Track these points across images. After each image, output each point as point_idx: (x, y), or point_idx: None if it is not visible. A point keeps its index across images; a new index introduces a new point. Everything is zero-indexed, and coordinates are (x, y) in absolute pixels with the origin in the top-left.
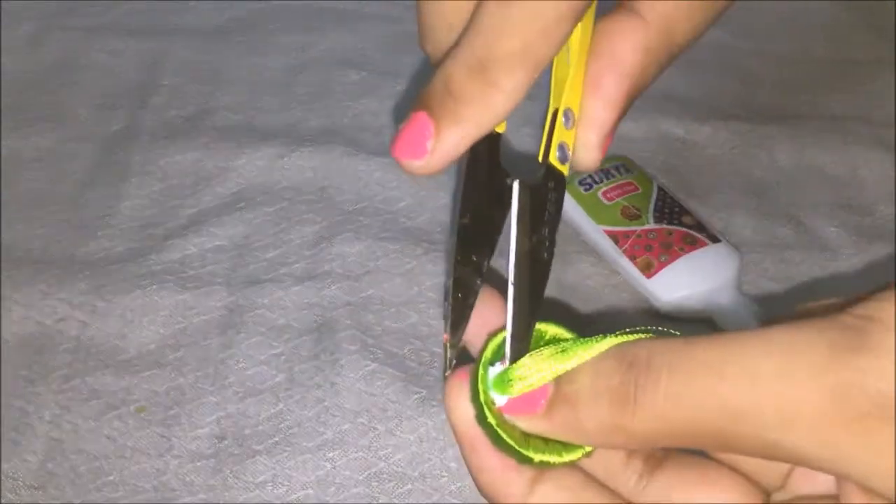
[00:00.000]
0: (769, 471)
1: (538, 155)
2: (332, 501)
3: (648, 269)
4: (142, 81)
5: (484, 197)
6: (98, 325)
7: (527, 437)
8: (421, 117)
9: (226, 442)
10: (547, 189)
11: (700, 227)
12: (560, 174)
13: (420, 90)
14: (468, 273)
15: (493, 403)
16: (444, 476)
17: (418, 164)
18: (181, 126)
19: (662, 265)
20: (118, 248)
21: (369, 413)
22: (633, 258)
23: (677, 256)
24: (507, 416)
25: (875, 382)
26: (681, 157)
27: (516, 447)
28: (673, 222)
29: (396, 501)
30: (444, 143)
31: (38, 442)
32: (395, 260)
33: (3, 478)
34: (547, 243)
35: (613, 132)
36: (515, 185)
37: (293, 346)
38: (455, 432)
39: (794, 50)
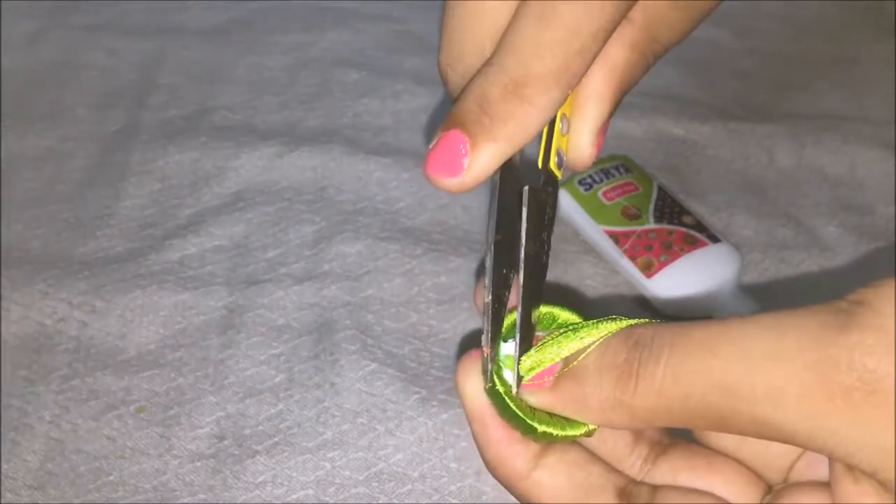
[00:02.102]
0: (771, 464)
1: (538, 161)
2: (331, 501)
3: (648, 269)
4: (141, 81)
5: (511, 209)
6: (98, 325)
7: (533, 411)
8: (455, 135)
9: (226, 442)
10: (546, 194)
11: (700, 226)
12: (555, 178)
13: (450, 109)
14: (501, 288)
15: (503, 375)
16: (444, 476)
17: (454, 182)
18: (180, 125)
19: (663, 265)
20: (117, 248)
21: (369, 413)
22: (633, 258)
23: (677, 256)
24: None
25: (860, 357)
26: (681, 156)
27: (522, 415)
28: (673, 222)
29: (396, 501)
30: (479, 160)
31: (37, 442)
32: (395, 260)
33: (2, 478)
34: (546, 247)
35: (605, 130)
36: (525, 192)
37: (293, 346)
38: (465, 407)
39: (793, 49)
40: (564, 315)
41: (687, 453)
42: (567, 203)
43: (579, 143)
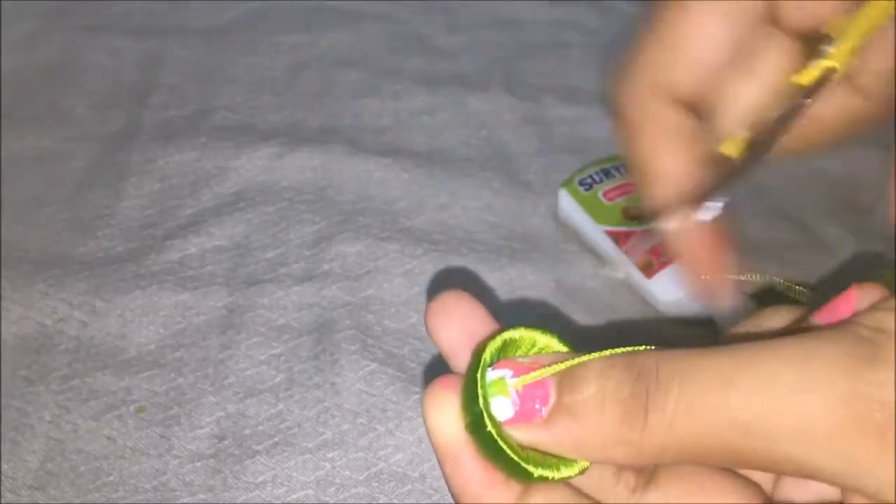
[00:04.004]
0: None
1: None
2: (331, 501)
3: (648, 270)
4: (141, 81)
5: None
6: (97, 325)
7: (524, 450)
8: None
9: (226, 442)
10: None
11: None
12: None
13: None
14: None
15: (491, 408)
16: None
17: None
18: (180, 126)
19: (662, 265)
20: (117, 248)
21: (369, 413)
22: (633, 258)
23: None
24: (504, 426)
25: (893, 396)
26: None
27: (517, 460)
28: None
29: (396, 501)
30: None
31: (37, 442)
32: (395, 260)
33: (2, 478)
34: None
35: None
36: None
37: (293, 347)
38: (435, 446)
39: None
40: (544, 341)
41: (677, 479)
42: (567, 203)
43: None
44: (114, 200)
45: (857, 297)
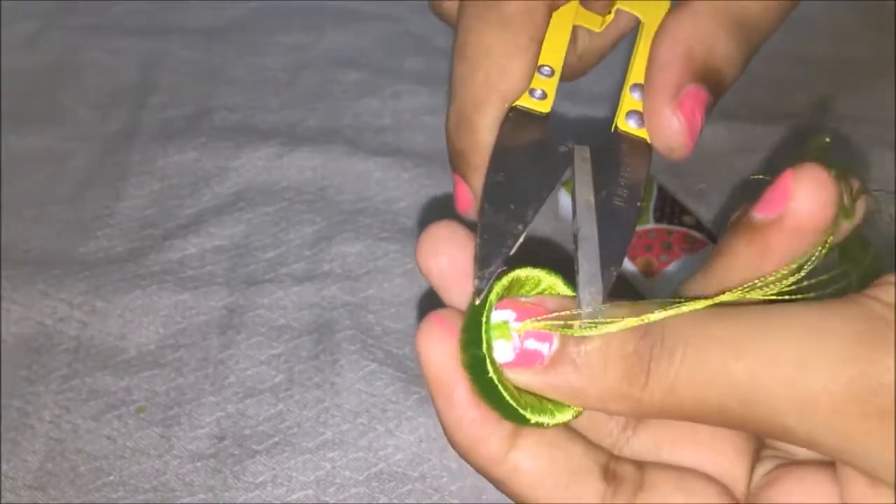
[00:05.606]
0: None
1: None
2: (332, 501)
3: (648, 270)
4: (141, 81)
5: (522, 162)
6: (97, 325)
7: (520, 393)
8: (456, 178)
9: (226, 442)
10: (618, 152)
11: (700, 227)
12: (636, 137)
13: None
14: (502, 219)
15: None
16: (444, 476)
17: (471, 213)
18: (180, 126)
19: (662, 265)
20: (117, 248)
21: (369, 413)
22: (633, 258)
23: (677, 257)
24: (503, 369)
25: None
26: None
27: (515, 406)
28: (673, 222)
29: (396, 501)
30: (475, 188)
31: (38, 442)
32: (395, 260)
33: (3, 478)
34: (626, 194)
35: (689, 98)
36: (574, 148)
37: (293, 347)
38: (429, 381)
39: (794, 49)
40: (549, 280)
41: (667, 420)
42: (567, 203)
43: (651, 111)
44: (114, 200)
45: (793, 182)
